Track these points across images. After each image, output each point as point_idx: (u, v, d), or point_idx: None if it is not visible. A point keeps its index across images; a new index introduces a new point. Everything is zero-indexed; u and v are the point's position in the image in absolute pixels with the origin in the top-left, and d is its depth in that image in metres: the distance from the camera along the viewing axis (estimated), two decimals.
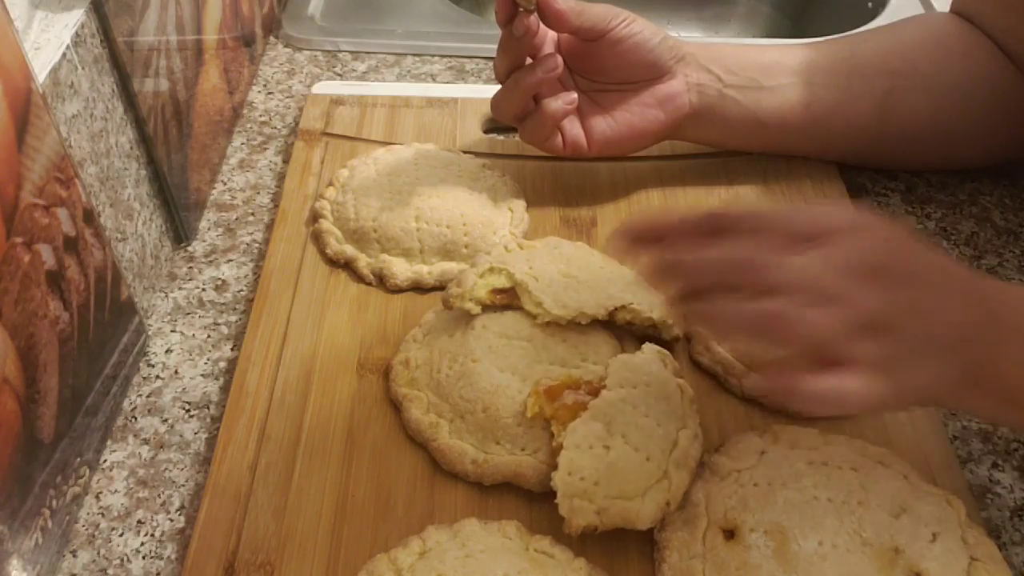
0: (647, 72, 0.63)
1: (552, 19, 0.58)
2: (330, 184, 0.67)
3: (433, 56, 0.86)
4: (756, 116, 0.67)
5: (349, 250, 0.62)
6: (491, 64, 0.84)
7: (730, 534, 0.47)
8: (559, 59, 0.60)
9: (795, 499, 0.47)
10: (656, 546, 0.48)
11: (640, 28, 0.61)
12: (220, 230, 0.68)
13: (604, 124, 0.64)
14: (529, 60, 0.61)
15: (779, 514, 0.46)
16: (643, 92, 0.63)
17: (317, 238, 0.64)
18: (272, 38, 0.88)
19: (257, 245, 0.67)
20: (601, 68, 0.63)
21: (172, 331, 0.60)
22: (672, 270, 0.44)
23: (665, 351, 0.53)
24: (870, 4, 0.99)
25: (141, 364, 0.58)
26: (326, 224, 0.64)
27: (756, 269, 0.42)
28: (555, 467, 0.47)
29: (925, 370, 0.42)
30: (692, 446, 0.49)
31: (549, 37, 0.62)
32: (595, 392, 0.49)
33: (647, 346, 0.52)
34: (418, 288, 0.61)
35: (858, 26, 0.91)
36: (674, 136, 0.68)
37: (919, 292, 0.43)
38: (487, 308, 0.54)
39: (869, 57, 0.67)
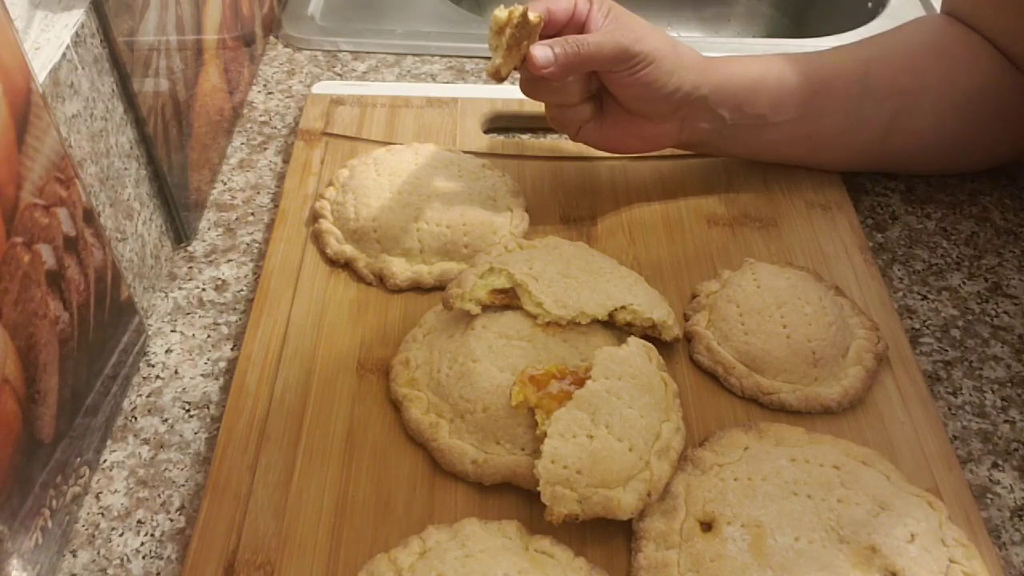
0: (643, 112, 0.62)
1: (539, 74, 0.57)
2: (330, 184, 0.67)
3: (433, 56, 0.86)
4: (752, 149, 0.69)
5: (349, 250, 0.62)
6: None
7: (707, 526, 0.47)
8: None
9: (774, 494, 0.47)
10: (633, 536, 0.48)
11: (653, 77, 0.58)
12: (220, 230, 0.68)
13: (593, 129, 0.63)
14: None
15: (757, 508, 0.46)
16: (635, 121, 0.63)
17: (317, 238, 0.64)
18: (272, 38, 0.88)
19: (257, 245, 0.67)
20: (606, 80, 0.61)
21: (172, 331, 0.60)
22: None
23: (650, 345, 0.53)
24: (870, 4, 0.99)
25: (141, 364, 0.58)
26: (326, 224, 0.64)
27: None
28: (539, 455, 0.47)
29: None
30: (674, 438, 0.49)
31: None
32: (580, 382, 0.49)
33: (632, 339, 0.52)
34: (418, 288, 0.61)
35: (858, 26, 0.91)
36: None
37: None
38: (487, 308, 0.54)
39: (882, 76, 0.65)
